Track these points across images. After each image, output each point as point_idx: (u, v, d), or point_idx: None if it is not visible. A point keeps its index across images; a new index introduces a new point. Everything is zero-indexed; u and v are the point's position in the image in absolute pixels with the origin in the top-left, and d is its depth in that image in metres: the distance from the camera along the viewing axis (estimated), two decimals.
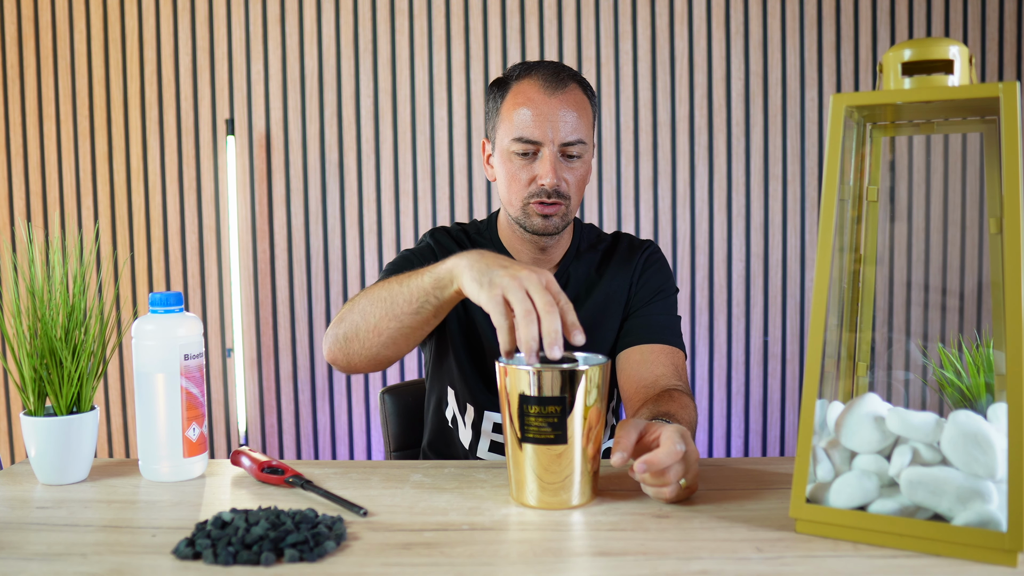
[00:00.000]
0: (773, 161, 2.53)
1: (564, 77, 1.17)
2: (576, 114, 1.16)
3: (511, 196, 1.20)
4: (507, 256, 1.08)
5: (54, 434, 0.94)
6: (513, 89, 1.19)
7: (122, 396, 2.59)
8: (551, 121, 1.15)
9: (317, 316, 2.56)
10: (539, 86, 1.16)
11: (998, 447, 0.70)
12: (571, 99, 1.16)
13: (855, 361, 0.87)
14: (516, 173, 1.18)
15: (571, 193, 1.19)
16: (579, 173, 1.19)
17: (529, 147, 1.16)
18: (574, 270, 1.28)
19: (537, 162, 1.17)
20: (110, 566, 0.71)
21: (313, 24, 2.51)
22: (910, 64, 0.75)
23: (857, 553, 0.72)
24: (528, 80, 1.17)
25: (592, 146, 1.22)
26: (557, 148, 1.16)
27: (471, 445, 1.30)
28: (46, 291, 0.95)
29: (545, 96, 1.15)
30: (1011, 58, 2.51)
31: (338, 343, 1.08)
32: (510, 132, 1.17)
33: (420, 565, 0.71)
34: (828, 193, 0.76)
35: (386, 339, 1.02)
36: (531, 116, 1.15)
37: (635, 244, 1.32)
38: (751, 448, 2.59)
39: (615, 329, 1.27)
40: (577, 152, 1.17)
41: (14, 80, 2.52)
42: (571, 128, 1.16)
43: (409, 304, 0.98)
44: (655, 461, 0.81)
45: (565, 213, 1.19)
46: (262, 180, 2.54)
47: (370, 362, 1.07)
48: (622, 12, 2.50)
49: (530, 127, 1.15)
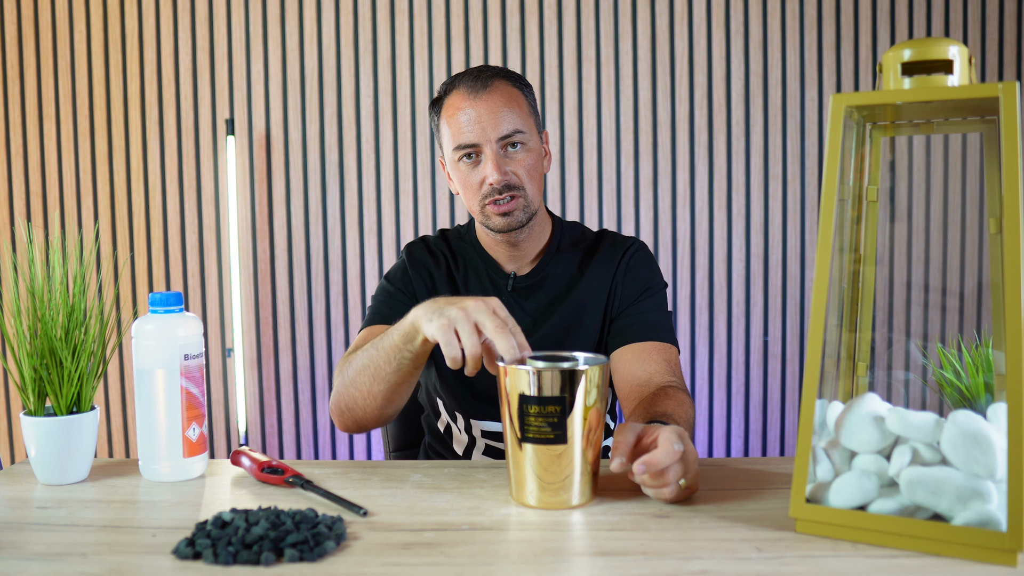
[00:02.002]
0: (773, 161, 2.53)
1: (486, 77, 1.21)
2: (506, 107, 1.19)
3: (469, 202, 1.24)
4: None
5: (54, 434, 0.94)
6: (445, 104, 1.23)
7: (122, 396, 2.59)
8: (481, 122, 1.18)
9: (317, 316, 2.56)
10: (464, 93, 1.20)
11: (998, 447, 0.70)
12: (497, 95, 1.19)
13: (855, 361, 0.87)
14: (466, 179, 1.22)
15: (524, 183, 1.21)
16: (527, 163, 1.21)
17: (470, 150, 1.20)
18: (552, 268, 1.29)
19: (481, 164, 1.20)
20: (110, 566, 0.71)
21: (313, 24, 2.51)
22: (910, 64, 0.75)
23: (857, 553, 0.72)
24: (455, 91, 1.22)
25: (536, 133, 1.24)
26: (496, 145, 1.19)
27: (466, 450, 1.31)
28: (46, 291, 0.95)
29: (472, 100, 1.19)
30: (1011, 58, 2.51)
31: (344, 416, 1.14)
32: (451, 142, 1.21)
33: (420, 565, 0.71)
34: (828, 193, 0.76)
35: (382, 400, 1.08)
36: (464, 121, 1.19)
37: (618, 242, 1.32)
38: (751, 448, 2.59)
39: (596, 327, 1.27)
40: (518, 141, 1.20)
41: (14, 80, 2.52)
42: (504, 122, 1.18)
43: (388, 364, 1.03)
44: (653, 462, 0.81)
45: (525, 205, 1.21)
46: (262, 180, 2.54)
47: (378, 420, 1.13)
48: (622, 12, 2.50)
49: (466, 132, 1.19)
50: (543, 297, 1.27)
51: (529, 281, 1.28)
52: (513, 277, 1.28)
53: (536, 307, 1.27)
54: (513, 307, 1.27)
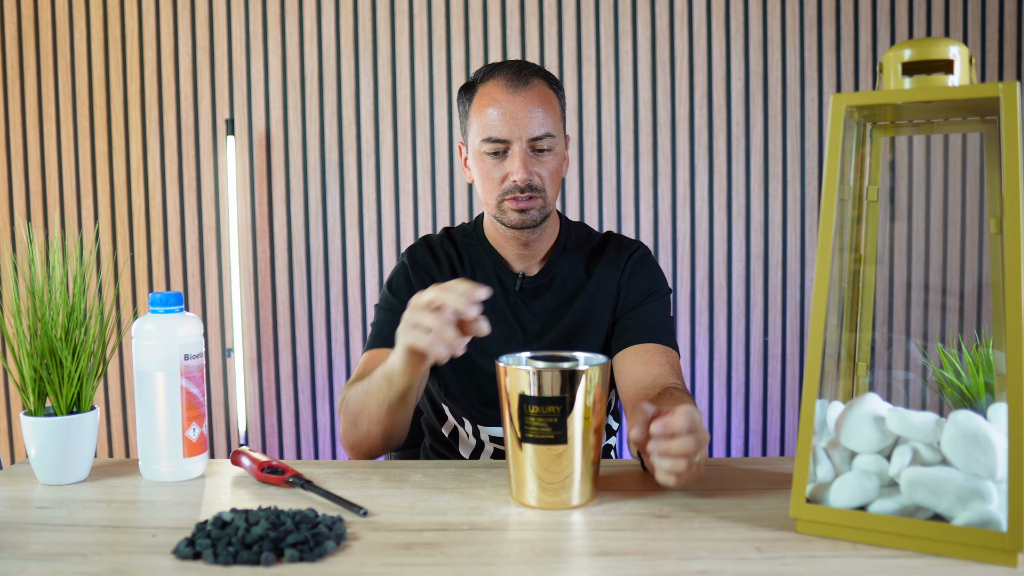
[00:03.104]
0: (773, 161, 2.53)
1: (526, 74, 1.19)
2: (542, 109, 1.18)
3: (487, 195, 1.23)
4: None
5: (54, 434, 0.94)
6: (479, 91, 1.21)
7: (122, 396, 2.59)
8: (517, 119, 1.17)
9: (317, 316, 2.56)
10: (503, 85, 1.19)
11: (998, 447, 0.70)
12: (535, 95, 1.19)
13: (855, 361, 0.87)
14: (489, 172, 1.21)
15: (545, 186, 1.20)
16: (551, 166, 1.21)
17: (499, 146, 1.18)
18: (559, 268, 1.29)
19: (508, 160, 1.19)
20: (110, 566, 0.71)
21: (313, 24, 2.51)
22: (910, 64, 0.75)
23: (857, 553, 0.72)
24: (492, 81, 1.20)
25: (563, 138, 1.24)
26: (526, 144, 1.18)
27: (473, 454, 1.31)
28: (46, 291, 0.95)
29: (509, 95, 1.18)
30: (1011, 58, 2.51)
31: (354, 452, 1.18)
32: (480, 133, 1.20)
33: (420, 565, 0.71)
34: (828, 193, 0.76)
35: (382, 438, 1.12)
36: (498, 115, 1.18)
37: (624, 244, 1.31)
38: (751, 448, 2.59)
39: (603, 330, 1.26)
40: (547, 146, 1.19)
41: (14, 80, 2.52)
42: (538, 123, 1.18)
43: (380, 408, 1.08)
44: (671, 423, 0.81)
45: (543, 206, 1.21)
46: (262, 180, 2.54)
47: (386, 450, 1.17)
48: (622, 12, 2.50)
49: (497, 126, 1.18)
50: (551, 299, 1.27)
51: (537, 282, 1.28)
52: (521, 277, 1.28)
53: (544, 309, 1.27)
54: (521, 308, 1.27)
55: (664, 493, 0.90)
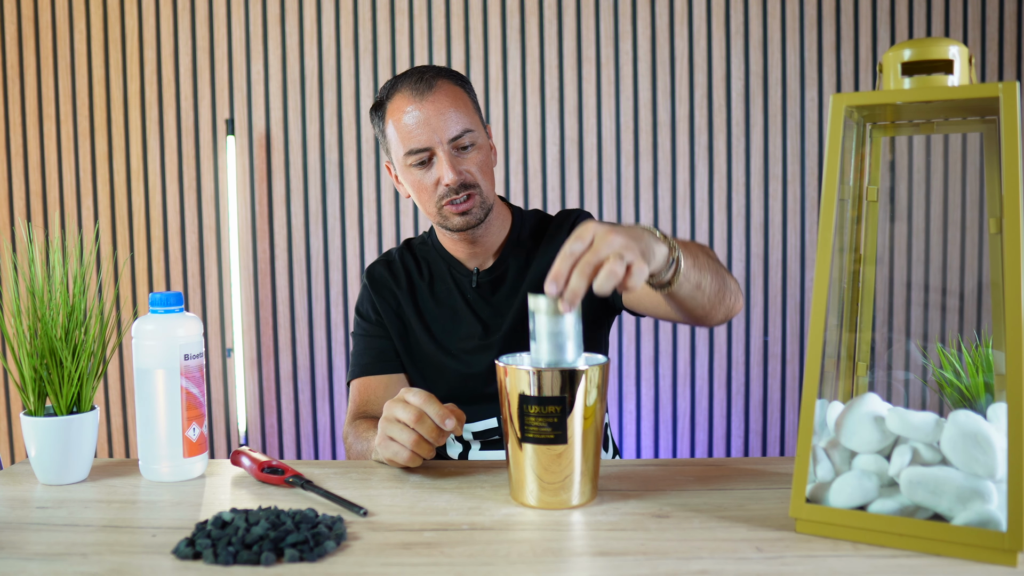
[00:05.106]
0: (773, 161, 2.53)
1: (429, 78, 1.20)
2: (453, 108, 1.18)
3: (425, 205, 1.23)
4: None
5: (54, 434, 0.94)
6: (388, 108, 1.22)
7: (122, 396, 2.59)
8: (432, 124, 1.17)
9: (317, 316, 2.56)
10: (409, 96, 1.19)
11: (998, 447, 0.70)
12: (443, 95, 1.19)
13: (855, 361, 0.87)
14: (420, 182, 1.21)
15: (478, 180, 1.21)
16: (478, 159, 1.21)
17: (423, 155, 1.19)
18: (513, 260, 1.30)
19: (435, 166, 1.19)
20: (110, 566, 0.71)
21: (313, 24, 2.51)
22: (910, 64, 0.75)
23: (857, 553, 0.72)
24: (398, 94, 1.20)
25: (483, 129, 1.24)
26: (448, 146, 1.18)
27: (461, 456, 1.31)
28: (46, 291, 0.95)
29: (418, 103, 1.18)
30: (1011, 58, 2.51)
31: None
32: (401, 147, 1.20)
33: (420, 565, 0.71)
34: (828, 193, 0.76)
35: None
36: (413, 126, 1.18)
37: (566, 215, 1.32)
38: (751, 448, 2.59)
39: None
40: (468, 141, 1.19)
41: (14, 80, 2.52)
42: (453, 123, 1.18)
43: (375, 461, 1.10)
44: (554, 272, 0.78)
45: (481, 202, 1.21)
46: (262, 180, 2.54)
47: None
48: (622, 12, 2.50)
49: (416, 136, 1.18)
50: (507, 290, 1.29)
51: (492, 275, 1.29)
52: (476, 273, 1.29)
53: (501, 301, 1.28)
54: (480, 304, 1.28)
55: (664, 493, 0.90)
